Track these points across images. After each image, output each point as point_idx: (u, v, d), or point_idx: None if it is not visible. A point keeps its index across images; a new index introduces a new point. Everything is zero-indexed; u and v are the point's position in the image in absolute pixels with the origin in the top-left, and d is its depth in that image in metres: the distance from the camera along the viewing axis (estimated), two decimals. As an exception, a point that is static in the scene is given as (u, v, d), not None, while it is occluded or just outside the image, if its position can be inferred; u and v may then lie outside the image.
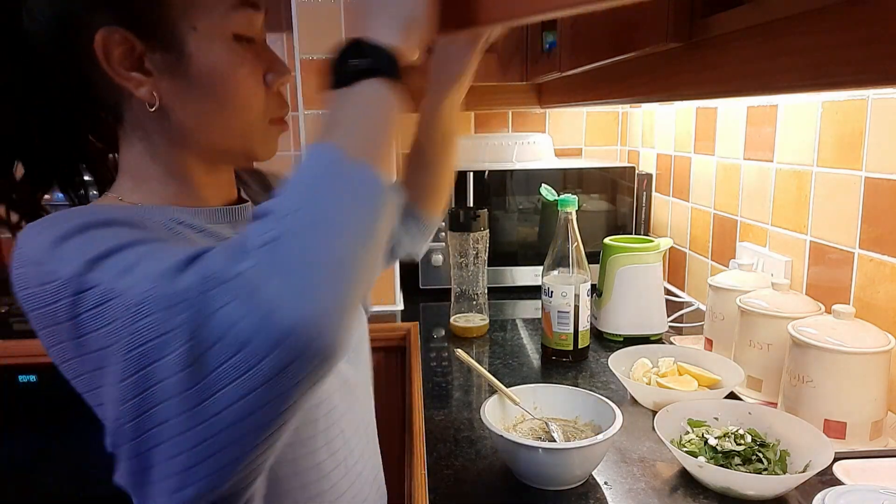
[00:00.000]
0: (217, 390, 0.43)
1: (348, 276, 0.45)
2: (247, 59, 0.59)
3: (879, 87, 0.89)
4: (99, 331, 0.46)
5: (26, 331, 1.38)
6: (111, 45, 0.54)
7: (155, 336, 0.44)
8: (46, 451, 1.37)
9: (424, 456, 0.88)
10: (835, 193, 1.05)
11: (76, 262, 0.47)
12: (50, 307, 0.48)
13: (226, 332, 0.42)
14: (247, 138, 0.61)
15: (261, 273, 0.42)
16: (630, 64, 0.94)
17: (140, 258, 0.47)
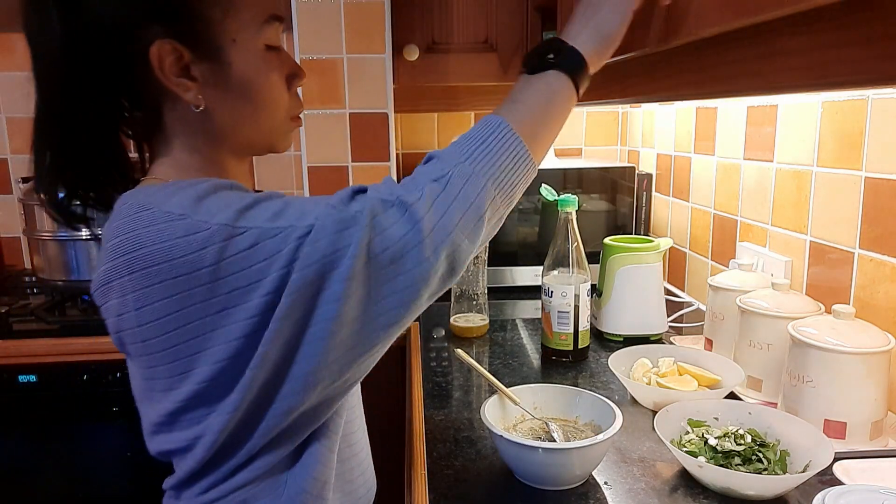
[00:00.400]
0: (382, 296, 0.57)
1: (483, 223, 0.61)
2: (275, 66, 0.68)
3: (879, 87, 0.89)
4: (244, 270, 0.55)
5: (26, 331, 1.38)
6: (164, 55, 0.62)
7: (322, 256, 0.55)
8: (46, 451, 1.37)
9: (424, 456, 0.88)
10: (835, 193, 1.05)
11: (227, 213, 0.56)
12: (195, 254, 0.55)
13: (393, 244, 0.56)
14: (272, 134, 0.72)
15: (426, 203, 0.58)
16: (630, 64, 0.94)
17: (285, 205, 0.58)
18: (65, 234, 1.44)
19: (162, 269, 0.56)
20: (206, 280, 0.56)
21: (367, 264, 0.56)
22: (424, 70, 1.62)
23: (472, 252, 0.62)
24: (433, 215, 0.59)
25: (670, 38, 0.69)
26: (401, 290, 0.58)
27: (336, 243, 0.56)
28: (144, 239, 0.56)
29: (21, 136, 1.73)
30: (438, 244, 0.58)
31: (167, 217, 0.56)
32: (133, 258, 0.57)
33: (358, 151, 1.55)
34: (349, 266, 0.56)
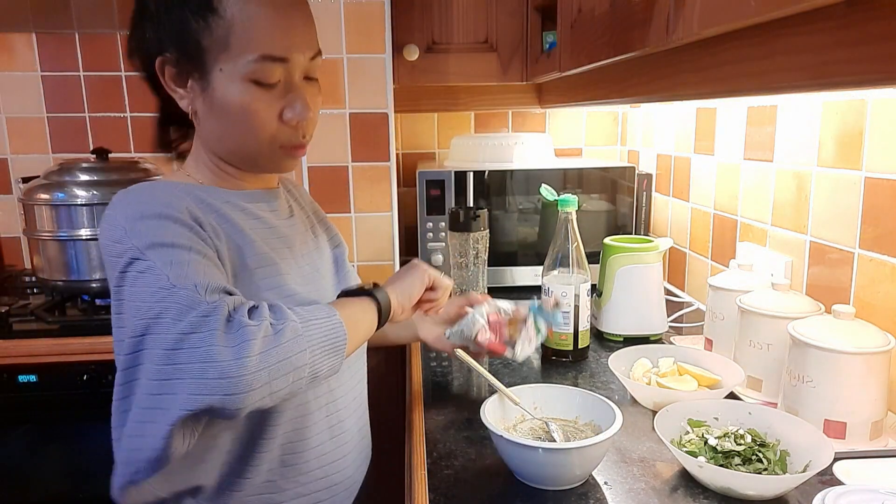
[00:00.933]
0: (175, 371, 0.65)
1: (287, 384, 0.68)
2: (259, 99, 0.75)
3: (879, 87, 0.89)
4: (132, 289, 0.68)
5: (26, 331, 1.38)
6: (165, 67, 0.76)
7: (162, 314, 0.65)
8: (46, 451, 1.37)
9: (424, 456, 0.88)
10: (835, 193, 1.05)
11: (144, 240, 0.68)
12: (114, 259, 0.69)
13: (204, 349, 0.64)
14: (254, 157, 0.80)
15: (252, 349, 0.64)
16: (630, 64, 0.94)
17: (188, 262, 0.68)
18: (65, 234, 1.44)
19: (105, 259, 0.72)
20: (114, 283, 0.70)
21: (177, 346, 0.65)
22: (424, 70, 1.62)
23: (266, 399, 0.69)
24: (250, 361, 0.66)
25: (670, 38, 0.69)
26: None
27: (174, 313, 0.66)
28: (103, 230, 0.72)
29: (21, 136, 1.73)
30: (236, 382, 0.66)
31: (114, 222, 0.71)
32: (101, 241, 0.73)
33: (358, 151, 1.55)
34: (165, 337, 0.66)
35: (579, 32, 1.09)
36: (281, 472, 0.81)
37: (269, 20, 0.74)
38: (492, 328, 1.02)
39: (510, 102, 1.84)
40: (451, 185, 1.60)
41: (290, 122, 0.77)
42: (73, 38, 1.70)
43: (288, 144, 0.79)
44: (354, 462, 0.92)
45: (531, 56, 1.61)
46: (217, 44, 0.73)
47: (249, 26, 0.73)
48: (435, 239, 1.62)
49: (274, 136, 0.78)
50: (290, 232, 0.86)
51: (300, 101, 0.77)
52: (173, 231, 0.70)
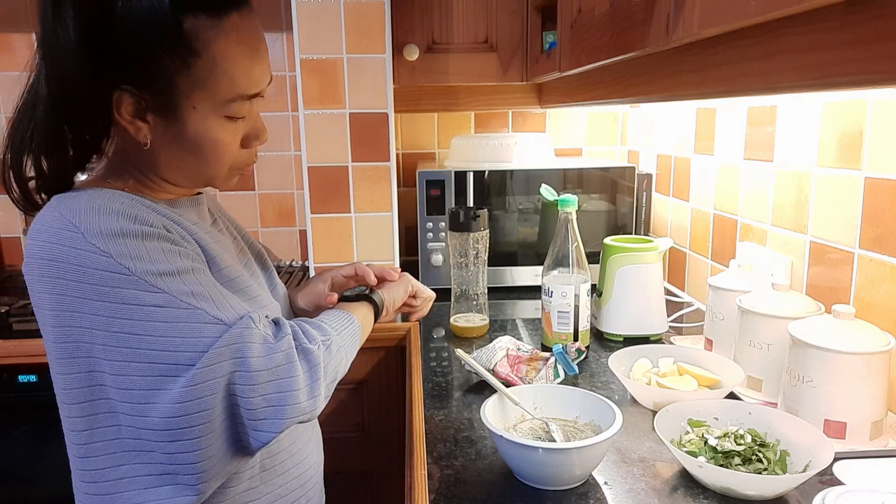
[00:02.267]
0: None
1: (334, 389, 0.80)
2: (229, 132, 0.75)
3: (879, 87, 0.89)
4: (141, 322, 0.65)
5: (26, 331, 1.38)
6: (122, 101, 0.69)
7: (212, 353, 0.66)
8: (46, 450, 1.37)
9: (424, 456, 0.88)
10: (835, 193, 1.05)
11: (147, 267, 0.65)
12: (104, 279, 0.64)
13: (278, 382, 0.71)
14: (211, 180, 0.79)
15: (320, 373, 0.76)
16: (630, 64, 0.94)
17: (202, 288, 0.69)
18: (65, 234, 1.44)
19: (69, 270, 0.65)
20: (98, 311, 0.66)
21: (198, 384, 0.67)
22: (424, 70, 1.62)
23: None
24: (324, 364, 0.78)
25: (670, 38, 0.69)
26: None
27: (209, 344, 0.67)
28: (65, 257, 0.65)
29: (21, 136, 1.73)
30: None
31: (91, 248, 0.65)
32: (48, 252, 0.66)
33: (358, 151, 1.55)
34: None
35: (579, 32, 1.09)
36: (261, 477, 0.81)
37: (248, 57, 0.72)
38: (510, 361, 1.08)
39: (510, 102, 1.84)
40: (451, 185, 1.60)
41: (249, 146, 0.79)
42: (73, 38, 1.70)
43: (242, 165, 0.80)
44: (315, 451, 0.94)
45: (531, 56, 1.61)
46: (195, 84, 0.70)
47: (231, 68, 0.71)
48: (435, 239, 1.62)
49: (234, 161, 0.78)
50: (220, 238, 0.84)
51: (262, 128, 0.79)
52: (168, 252, 0.68)
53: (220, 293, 0.71)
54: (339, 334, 0.82)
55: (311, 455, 0.91)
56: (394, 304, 1.01)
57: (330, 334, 0.80)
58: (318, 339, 0.77)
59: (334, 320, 0.84)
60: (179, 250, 0.70)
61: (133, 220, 0.68)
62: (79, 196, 0.69)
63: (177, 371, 0.66)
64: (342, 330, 0.83)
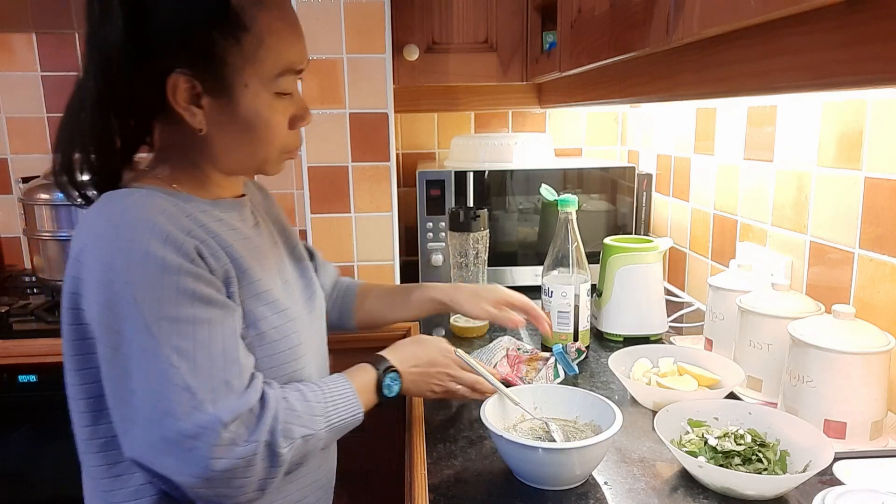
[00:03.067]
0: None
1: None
2: (279, 111, 0.77)
3: (879, 87, 0.89)
4: (125, 358, 0.66)
5: (26, 331, 1.38)
6: (178, 85, 0.71)
7: (169, 416, 0.65)
8: (46, 450, 1.37)
9: (424, 456, 0.88)
10: (835, 193, 1.05)
11: (153, 307, 0.65)
12: (114, 304, 0.66)
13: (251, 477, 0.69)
14: (263, 164, 0.81)
15: (290, 455, 0.72)
16: (630, 64, 0.94)
17: (192, 346, 0.67)
18: (65, 234, 1.44)
19: (108, 269, 0.68)
20: (111, 321, 0.68)
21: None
22: (424, 70, 1.62)
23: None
24: (290, 460, 0.72)
25: (670, 38, 0.69)
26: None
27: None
28: (93, 268, 0.68)
29: (21, 136, 1.73)
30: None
31: (116, 272, 0.66)
32: (78, 269, 0.70)
33: (358, 151, 1.55)
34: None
35: (579, 32, 1.09)
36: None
37: (291, 33, 0.76)
38: (510, 361, 1.08)
39: (510, 102, 1.84)
40: (451, 185, 1.60)
41: (296, 129, 0.81)
42: (73, 38, 1.70)
43: (291, 149, 0.82)
44: (331, 457, 0.95)
45: (531, 56, 1.61)
46: (245, 60, 0.72)
47: (277, 40, 0.74)
48: (435, 239, 1.62)
49: (284, 143, 0.80)
50: (259, 242, 0.85)
51: (306, 108, 0.81)
52: (181, 292, 0.67)
53: (216, 353, 0.68)
54: (329, 427, 0.76)
55: (326, 461, 0.92)
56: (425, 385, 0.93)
57: (316, 429, 0.74)
58: (295, 438, 0.71)
59: (337, 410, 0.78)
60: (196, 290, 0.68)
61: (164, 240, 0.67)
62: (124, 201, 0.70)
63: (141, 420, 0.66)
64: (336, 423, 0.77)
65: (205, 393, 0.65)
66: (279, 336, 0.79)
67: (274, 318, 0.78)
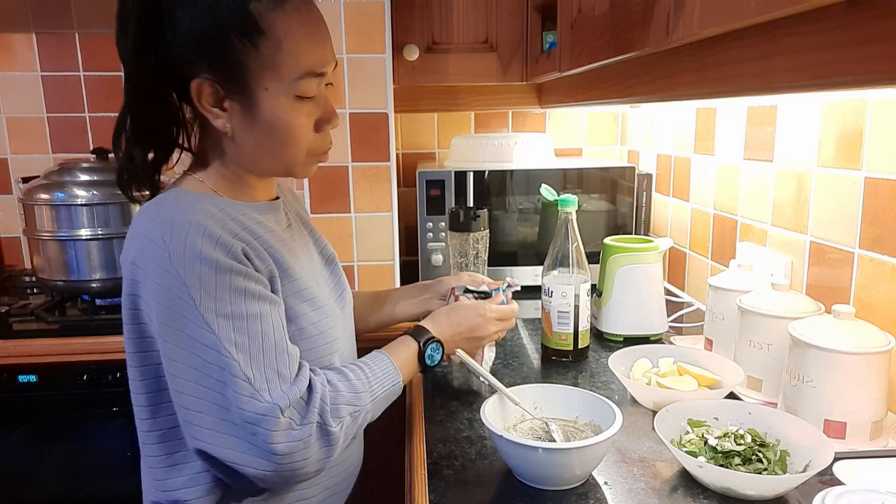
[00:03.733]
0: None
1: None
2: (302, 113, 0.79)
3: (879, 87, 0.89)
4: (187, 354, 0.71)
5: (26, 331, 1.38)
6: (202, 89, 0.75)
7: (214, 401, 0.71)
8: (46, 451, 1.37)
9: (424, 456, 0.88)
10: (835, 193, 1.05)
11: (210, 304, 0.70)
12: (173, 304, 0.70)
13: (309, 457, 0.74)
14: (290, 166, 0.83)
15: (342, 433, 0.77)
16: (630, 64, 0.94)
17: (247, 340, 0.71)
18: (65, 234, 1.44)
19: (162, 261, 0.72)
20: (160, 324, 0.73)
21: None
22: (424, 70, 1.62)
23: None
24: (344, 436, 0.77)
25: (670, 38, 0.69)
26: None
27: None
28: (149, 270, 0.72)
29: (21, 136, 1.73)
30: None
31: (173, 272, 0.71)
32: (135, 272, 0.74)
33: (358, 151, 1.55)
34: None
35: (579, 32, 1.09)
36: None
37: (310, 38, 0.78)
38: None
39: (510, 102, 1.84)
40: (451, 185, 1.60)
41: (323, 132, 0.82)
42: (73, 38, 1.70)
43: (319, 152, 0.84)
44: (358, 450, 0.99)
45: (531, 56, 1.61)
46: (263, 64, 0.75)
47: (295, 46, 0.76)
48: (435, 239, 1.62)
49: (310, 146, 0.82)
50: (293, 243, 0.89)
51: (333, 112, 0.82)
52: (235, 290, 0.72)
53: (269, 346, 0.73)
54: (373, 400, 0.82)
55: (353, 454, 0.96)
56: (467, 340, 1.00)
57: (361, 405, 0.79)
58: (344, 417, 0.77)
59: (379, 382, 0.83)
60: (247, 288, 0.73)
61: (215, 242, 0.72)
62: (176, 206, 0.75)
63: (206, 410, 0.72)
64: (380, 394, 0.83)
65: (261, 382, 0.71)
66: (317, 332, 0.83)
67: (313, 315, 0.83)
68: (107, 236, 1.45)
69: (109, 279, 1.47)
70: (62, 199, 1.43)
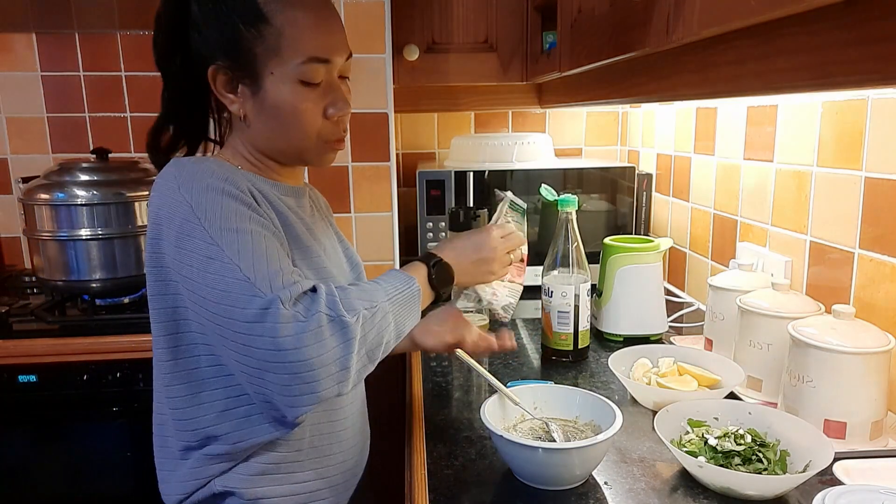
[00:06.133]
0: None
1: (380, 355, 0.79)
2: (307, 99, 0.82)
3: (879, 87, 0.89)
4: (200, 271, 0.72)
5: (26, 331, 1.38)
6: (217, 75, 0.81)
7: (236, 305, 0.70)
8: (46, 451, 1.37)
9: (424, 456, 0.88)
10: (835, 193, 1.05)
11: (213, 221, 0.73)
12: (182, 227, 0.74)
13: (304, 349, 0.70)
14: (302, 152, 0.86)
15: (354, 346, 0.73)
16: (630, 64, 0.94)
17: (249, 247, 0.73)
18: (65, 234, 1.44)
19: (166, 203, 0.77)
20: (173, 246, 0.76)
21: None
22: (424, 70, 1.62)
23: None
24: (363, 333, 0.75)
25: (670, 38, 0.69)
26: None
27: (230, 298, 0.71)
28: (168, 181, 0.78)
29: (21, 136, 1.73)
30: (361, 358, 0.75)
31: (173, 188, 0.76)
32: (163, 188, 0.78)
33: (358, 151, 1.55)
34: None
35: (579, 32, 1.09)
36: (308, 452, 0.86)
37: (314, 25, 0.81)
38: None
39: (510, 102, 1.84)
40: (451, 185, 1.60)
41: (332, 118, 0.84)
42: (73, 38, 1.70)
43: (331, 139, 0.86)
44: (361, 439, 0.97)
45: (531, 56, 1.61)
46: (268, 50, 0.79)
47: (297, 32, 0.79)
48: (435, 239, 1.62)
49: (319, 132, 0.84)
50: (314, 227, 0.91)
51: (341, 98, 0.84)
52: (239, 213, 0.75)
53: (272, 255, 0.74)
54: (390, 299, 0.79)
55: (355, 437, 0.94)
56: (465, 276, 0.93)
57: (377, 301, 0.77)
58: (358, 309, 0.74)
59: (391, 283, 0.81)
60: (251, 215, 0.76)
61: (223, 180, 0.76)
62: (192, 162, 0.80)
63: (219, 324, 0.73)
64: (395, 294, 0.80)
65: (262, 281, 0.71)
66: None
67: (312, 273, 0.84)
68: (107, 236, 1.45)
69: (109, 279, 1.47)
70: (62, 199, 1.43)
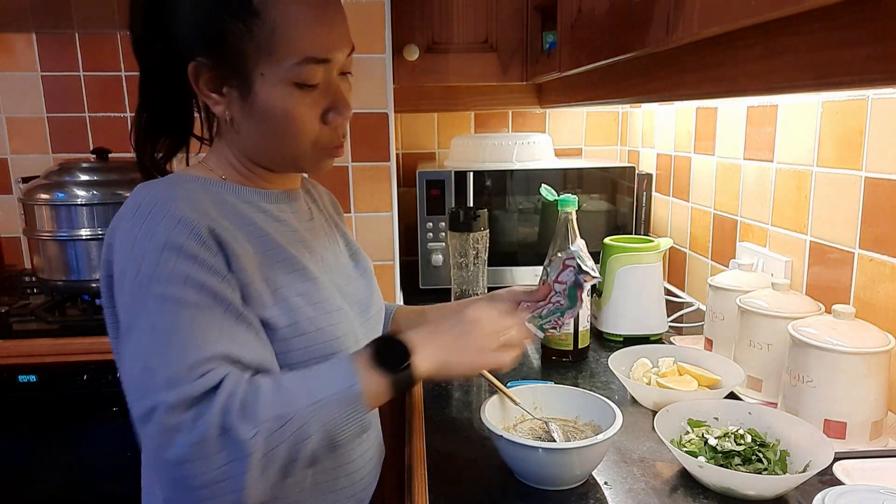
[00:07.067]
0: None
1: (296, 467, 0.66)
2: (302, 102, 0.73)
3: (879, 87, 0.89)
4: (120, 305, 0.68)
5: (26, 331, 1.38)
6: (200, 72, 0.73)
7: (148, 394, 0.63)
8: (46, 451, 1.37)
9: (424, 456, 0.88)
10: (835, 193, 1.05)
11: (151, 285, 0.65)
12: (125, 277, 0.67)
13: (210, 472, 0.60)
14: (296, 159, 0.78)
15: (260, 440, 0.62)
16: (630, 64, 0.94)
17: (168, 326, 0.64)
18: (65, 234, 1.44)
19: (115, 250, 0.70)
20: (126, 302, 0.68)
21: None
22: (424, 70, 1.61)
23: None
24: (268, 450, 0.62)
25: (670, 38, 0.69)
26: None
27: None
28: (117, 246, 0.69)
29: (21, 136, 1.73)
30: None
31: (132, 248, 0.67)
32: (108, 250, 0.71)
33: (358, 151, 1.55)
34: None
35: (579, 32, 1.09)
36: (312, 490, 0.79)
37: (311, 22, 0.72)
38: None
39: (510, 102, 1.84)
40: (451, 185, 1.60)
41: (332, 124, 0.76)
42: (73, 38, 1.70)
43: (329, 145, 0.78)
44: (372, 462, 0.88)
45: (531, 56, 1.61)
46: (258, 48, 0.71)
47: (292, 29, 0.71)
48: (435, 239, 1.62)
49: (316, 138, 0.76)
50: (309, 235, 0.83)
51: (342, 101, 0.76)
52: (174, 274, 0.65)
53: (190, 338, 0.64)
54: (314, 404, 0.64)
55: (367, 465, 0.85)
56: (448, 371, 0.76)
57: (293, 409, 0.63)
58: (261, 421, 0.62)
59: (324, 381, 0.67)
60: (189, 274, 0.65)
61: (176, 222, 0.67)
62: (150, 188, 0.71)
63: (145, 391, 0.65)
64: (324, 398, 0.65)
65: (159, 376, 0.62)
66: (313, 328, 0.74)
67: (308, 310, 0.75)
68: (107, 236, 1.45)
69: (109, 279, 1.47)
70: (62, 199, 1.43)
